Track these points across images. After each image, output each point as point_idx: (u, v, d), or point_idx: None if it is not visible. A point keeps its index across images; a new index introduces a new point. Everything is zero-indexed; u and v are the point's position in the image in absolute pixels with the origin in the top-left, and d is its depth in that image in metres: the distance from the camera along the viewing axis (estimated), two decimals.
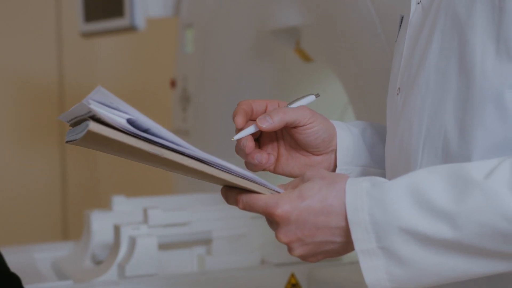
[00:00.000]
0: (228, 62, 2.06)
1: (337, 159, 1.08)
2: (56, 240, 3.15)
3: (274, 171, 1.09)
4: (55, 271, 1.73)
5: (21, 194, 3.29)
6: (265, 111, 1.05)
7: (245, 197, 0.94)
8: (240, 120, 1.03)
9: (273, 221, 0.93)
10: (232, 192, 0.96)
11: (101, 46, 3.36)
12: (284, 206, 0.91)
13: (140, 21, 2.24)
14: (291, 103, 1.07)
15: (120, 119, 0.85)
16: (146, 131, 0.87)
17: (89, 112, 0.84)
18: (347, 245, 0.91)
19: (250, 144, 1.03)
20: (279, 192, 0.93)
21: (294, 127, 1.05)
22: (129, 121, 0.85)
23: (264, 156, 1.05)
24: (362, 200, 0.89)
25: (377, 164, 1.12)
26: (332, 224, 0.90)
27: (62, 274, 1.68)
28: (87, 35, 2.48)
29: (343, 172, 1.09)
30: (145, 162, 0.92)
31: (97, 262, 1.70)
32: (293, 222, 0.90)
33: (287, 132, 1.08)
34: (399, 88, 1.03)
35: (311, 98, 1.08)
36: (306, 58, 1.84)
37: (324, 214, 0.90)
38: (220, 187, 0.98)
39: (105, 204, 1.80)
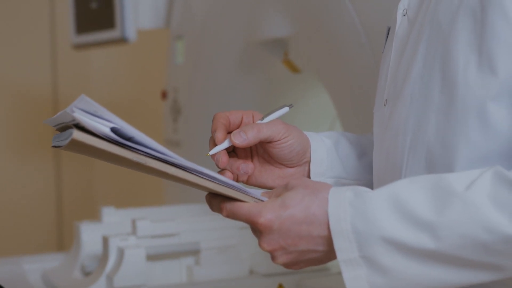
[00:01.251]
0: (217, 73, 2.07)
1: (310, 171, 1.09)
2: (51, 251, 3.14)
3: (247, 183, 1.09)
4: (44, 282, 1.73)
5: (15, 204, 3.28)
6: (240, 123, 1.06)
7: (228, 205, 0.94)
8: (220, 135, 1.03)
9: (256, 230, 0.93)
10: (216, 200, 0.96)
11: (95, 57, 3.37)
12: (267, 215, 0.91)
13: (131, 33, 2.24)
14: (265, 115, 1.07)
15: (104, 128, 0.85)
16: (130, 139, 0.87)
17: (73, 120, 0.85)
18: (330, 254, 0.91)
19: (224, 159, 1.03)
20: (262, 201, 0.94)
21: (269, 142, 1.05)
22: (113, 130, 0.86)
23: (250, 166, 1.06)
24: (345, 210, 0.89)
25: (350, 175, 1.12)
26: (314, 233, 0.90)
27: (51, 286, 1.68)
28: (78, 47, 2.48)
29: None
30: (132, 169, 0.93)
31: (86, 273, 1.69)
32: (276, 230, 0.91)
33: (261, 146, 1.08)
34: (386, 100, 1.03)
35: (285, 109, 1.09)
36: (294, 69, 1.85)
37: (307, 223, 0.90)
38: None
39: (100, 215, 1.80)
